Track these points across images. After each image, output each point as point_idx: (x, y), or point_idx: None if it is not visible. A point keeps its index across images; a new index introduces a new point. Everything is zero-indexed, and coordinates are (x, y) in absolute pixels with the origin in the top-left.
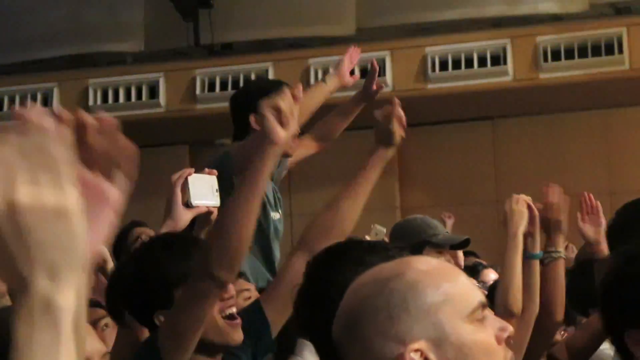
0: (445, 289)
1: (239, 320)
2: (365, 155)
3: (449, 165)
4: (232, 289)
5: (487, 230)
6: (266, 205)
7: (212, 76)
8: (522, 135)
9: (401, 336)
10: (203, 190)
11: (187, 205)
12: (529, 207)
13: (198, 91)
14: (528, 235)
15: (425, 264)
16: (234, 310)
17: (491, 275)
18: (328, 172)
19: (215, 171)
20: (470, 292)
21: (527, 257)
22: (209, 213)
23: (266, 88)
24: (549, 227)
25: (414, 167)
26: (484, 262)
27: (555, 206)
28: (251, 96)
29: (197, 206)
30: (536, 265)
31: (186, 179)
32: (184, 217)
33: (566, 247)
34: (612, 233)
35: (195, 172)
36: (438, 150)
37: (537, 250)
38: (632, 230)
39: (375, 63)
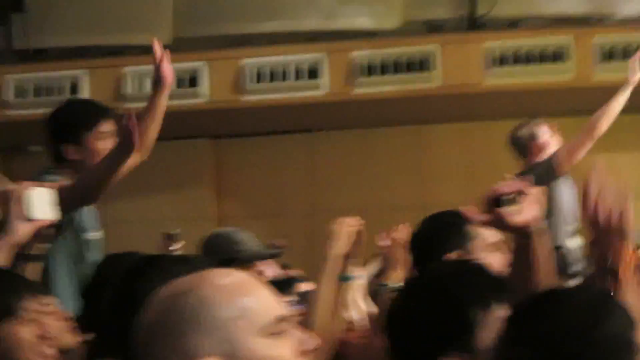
0: (241, 303)
1: None
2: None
3: (265, 176)
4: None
5: (302, 243)
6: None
7: (24, 82)
8: (338, 149)
9: (191, 352)
10: (42, 204)
11: (27, 218)
12: (356, 230)
13: (10, 97)
14: (346, 258)
15: (224, 277)
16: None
17: (303, 287)
18: (142, 181)
19: (55, 184)
20: (268, 305)
21: (339, 278)
22: (46, 227)
23: (75, 120)
24: (389, 260)
25: (232, 178)
26: (299, 275)
27: (398, 242)
28: (61, 127)
29: (37, 220)
30: (345, 288)
31: (25, 191)
32: (24, 231)
33: None
34: (414, 246)
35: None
36: (255, 161)
37: (352, 272)
38: (431, 243)
39: (156, 46)
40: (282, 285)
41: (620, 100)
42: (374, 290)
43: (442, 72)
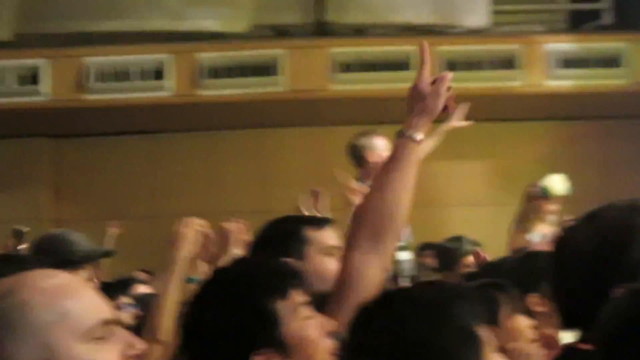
0: (62, 306)
1: None
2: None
3: (106, 178)
4: None
5: (143, 246)
6: None
7: None
8: (180, 152)
9: (7, 359)
10: None
11: None
12: (198, 230)
13: None
14: (193, 259)
15: (45, 279)
16: None
17: (141, 289)
18: None
19: None
20: (92, 309)
21: (187, 281)
22: None
23: None
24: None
25: (71, 179)
26: (140, 276)
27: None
28: None
29: None
30: (192, 290)
31: None
32: None
33: None
34: (253, 251)
35: None
36: (95, 162)
37: (195, 274)
38: (268, 248)
39: None
40: (118, 287)
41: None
42: None
43: (288, 77)
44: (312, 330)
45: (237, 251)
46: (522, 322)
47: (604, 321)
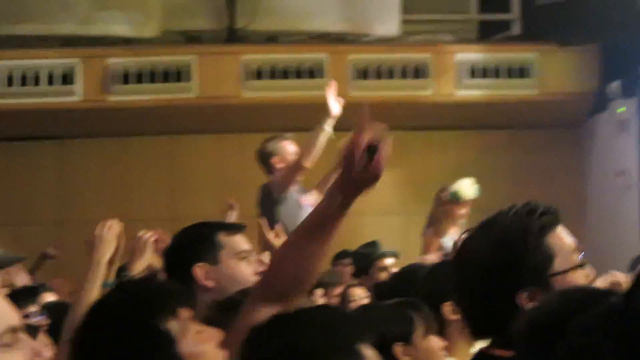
0: None
1: None
2: None
3: (12, 184)
4: None
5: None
6: None
7: None
8: (89, 157)
9: None
10: None
11: None
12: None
13: None
14: (109, 263)
15: None
16: None
17: (49, 298)
18: None
19: None
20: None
21: (103, 285)
22: None
23: None
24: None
25: None
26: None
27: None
28: None
29: None
30: None
31: None
32: None
33: None
34: (166, 258)
35: None
36: (2, 167)
37: (111, 279)
38: (181, 254)
39: None
40: (25, 295)
41: (321, 139)
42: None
43: (199, 84)
44: (205, 344)
45: (152, 259)
46: (435, 343)
47: (530, 325)
